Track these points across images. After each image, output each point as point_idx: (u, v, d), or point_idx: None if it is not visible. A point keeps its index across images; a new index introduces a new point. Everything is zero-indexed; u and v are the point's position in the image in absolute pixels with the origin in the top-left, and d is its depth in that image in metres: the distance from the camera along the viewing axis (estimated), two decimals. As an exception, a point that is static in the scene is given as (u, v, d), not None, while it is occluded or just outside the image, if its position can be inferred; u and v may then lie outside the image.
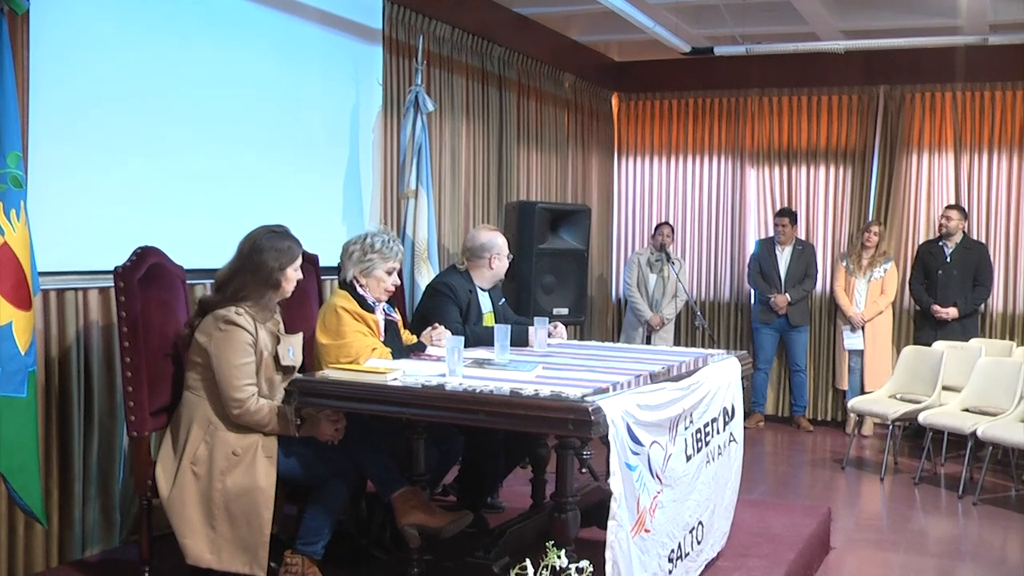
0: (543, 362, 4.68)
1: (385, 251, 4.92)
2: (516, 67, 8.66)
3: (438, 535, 4.28)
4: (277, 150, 6.13)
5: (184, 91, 5.49)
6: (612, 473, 3.70)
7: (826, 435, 9.46)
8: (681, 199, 10.66)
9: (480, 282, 5.68)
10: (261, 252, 4.31)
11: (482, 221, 8.06)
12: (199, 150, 5.59)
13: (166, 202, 5.38)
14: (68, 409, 4.90)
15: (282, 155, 6.17)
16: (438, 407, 3.98)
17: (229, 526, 4.15)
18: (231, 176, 5.80)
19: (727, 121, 10.45)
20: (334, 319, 4.75)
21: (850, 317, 9.30)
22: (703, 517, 4.64)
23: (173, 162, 5.43)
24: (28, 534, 4.73)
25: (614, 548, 3.72)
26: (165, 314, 4.59)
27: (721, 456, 4.87)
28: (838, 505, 6.80)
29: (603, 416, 3.65)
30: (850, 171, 9.92)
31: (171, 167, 5.42)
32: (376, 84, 6.97)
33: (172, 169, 5.42)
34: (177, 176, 5.45)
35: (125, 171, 5.16)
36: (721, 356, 5.26)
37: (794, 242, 9.60)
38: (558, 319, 6.46)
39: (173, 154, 5.42)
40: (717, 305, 10.51)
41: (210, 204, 5.63)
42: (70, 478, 4.92)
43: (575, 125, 9.89)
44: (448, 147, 7.74)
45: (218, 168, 5.71)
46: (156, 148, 5.32)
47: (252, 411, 4.18)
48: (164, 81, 5.37)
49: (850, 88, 9.91)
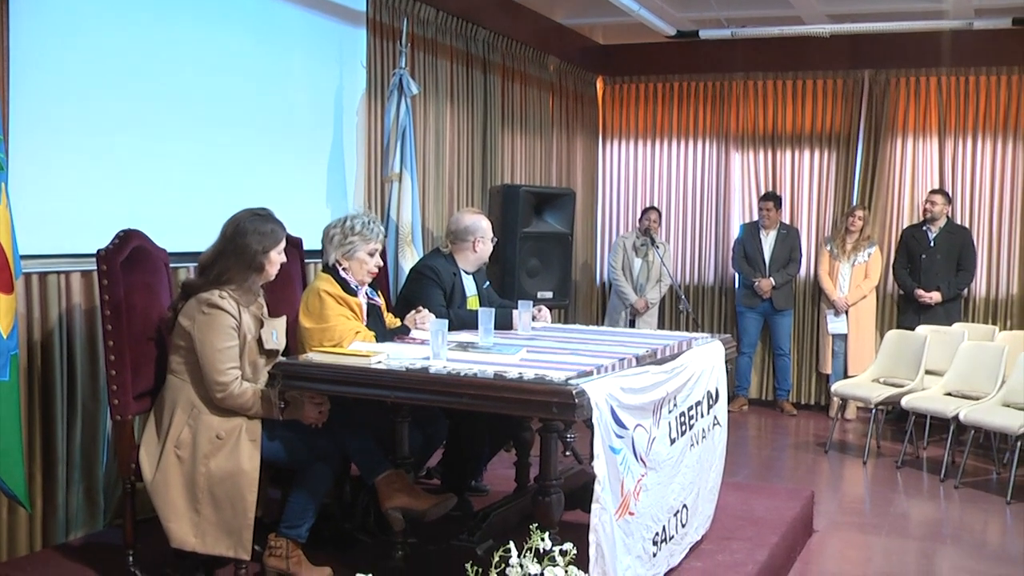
0: (527, 345, 4.69)
1: (366, 233, 4.92)
2: (501, 50, 8.65)
3: (422, 518, 4.29)
4: (261, 133, 6.12)
5: (167, 74, 5.47)
6: (596, 456, 3.71)
7: (809, 419, 9.51)
8: (666, 183, 10.67)
9: (464, 265, 5.68)
10: (245, 235, 4.30)
11: (466, 204, 8.05)
12: (182, 133, 5.57)
13: (149, 185, 5.36)
14: (51, 393, 4.90)
15: (266, 138, 6.16)
16: (422, 390, 3.99)
17: (213, 509, 4.15)
18: (214, 159, 5.78)
19: (712, 105, 10.46)
20: (317, 303, 4.75)
21: (834, 301, 9.33)
22: (687, 500, 4.66)
23: (156, 145, 5.41)
24: (11, 518, 4.73)
25: (598, 531, 3.74)
26: (148, 297, 4.57)
27: (705, 439, 4.90)
28: (821, 488, 6.84)
29: (587, 399, 3.66)
30: (835, 155, 9.95)
31: (154, 150, 5.40)
32: (360, 67, 6.95)
33: (155, 152, 5.40)
34: (160, 159, 5.43)
35: (108, 154, 5.14)
36: (705, 340, 5.27)
37: (778, 226, 9.63)
38: (542, 302, 6.48)
39: (156, 137, 5.41)
40: (701, 289, 10.53)
41: (193, 187, 5.62)
42: (53, 462, 4.92)
43: (560, 108, 9.89)
44: (432, 130, 7.73)
45: (201, 151, 5.69)
46: (139, 131, 5.31)
47: (236, 394, 4.18)
48: (147, 64, 5.34)
49: (835, 72, 9.93)
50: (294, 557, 4.37)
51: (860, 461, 7.79)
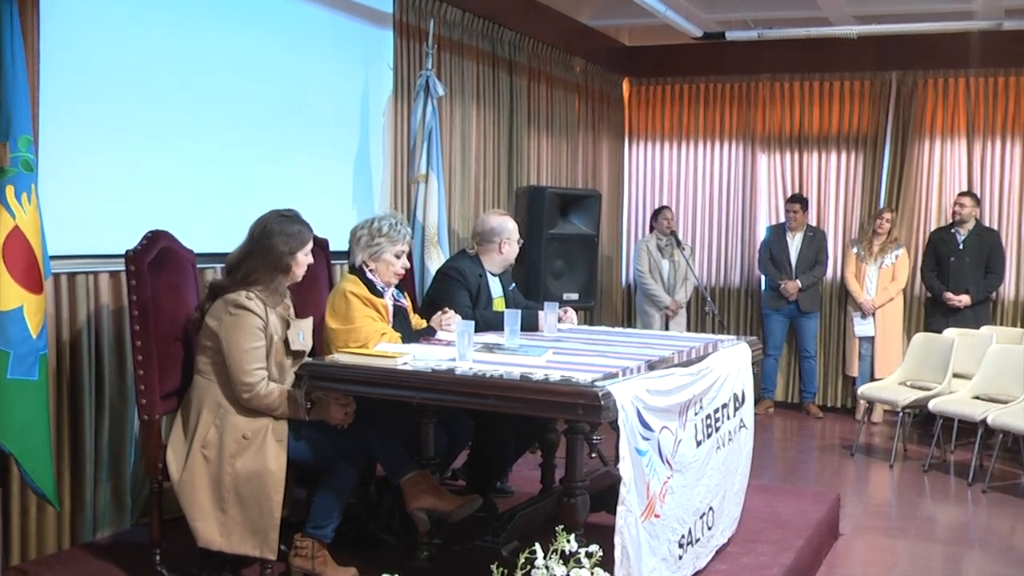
0: (553, 347, 4.69)
1: (393, 234, 4.93)
2: (526, 51, 8.65)
3: (447, 519, 4.30)
4: (288, 134, 6.14)
5: (196, 76, 5.49)
6: (622, 458, 3.71)
7: (836, 422, 9.46)
8: (692, 184, 10.64)
9: (490, 267, 5.68)
10: (271, 236, 4.32)
11: (492, 206, 8.05)
12: (210, 134, 5.59)
13: (177, 186, 5.39)
14: (79, 392, 4.92)
15: (293, 139, 6.18)
16: (448, 391, 3.99)
17: (239, 509, 4.17)
18: (242, 160, 5.80)
19: (738, 106, 10.42)
20: (343, 304, 4.76)
21: (860, 304, 9.28)
22: (713, 503, 4.65)
23: (184, 146, 5.43)
24: (40, 516, 4.76)
25: (623, 533, 3.73)
26: (175, 298, 4.60)
27: (731, 442, 4.88)
28: (847, 491, 6.80)
29: (613, 401, 3.66)
30: (862, 157, 9.89)
31: (182, 151, 5.42)
32: (387, 68, 6.97)
33: (183, 153, 5.43)
34: (188, 160, 5.46)
35: (136, 155, 5.17)
36: (731, 342, 5.26)
37: (805, 228, 9.59)
38: (568, 304, 6.47)
39: (184, 138, 5.43)
40: (727, 291, 10.49)
41: (221, 188, 5.64)
42: (81, 461, 4.95)
43: (585, 110, 9.87)
44: (458, 132, 7.73)
45: (229, 152, 5.72)
46: (167, 132, 5.33)
47: (262, 395, 4.20)
48: (175, 65, 5.37)
49: (862, 73, 9.87)
50: (320, 557, 4.38)
51: (887, 464, 7.75)
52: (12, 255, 4.08)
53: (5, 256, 4.07)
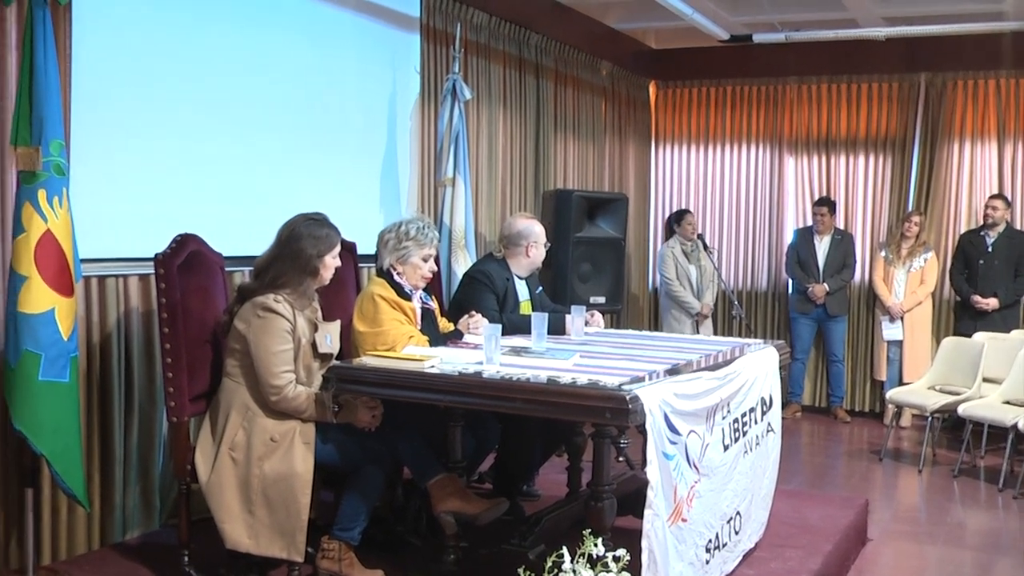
0: (580, 350, 4.69)
1: (420, 238, 4.94)
2: (553, 55, 8.65)
3: (474, 522, 4.31)
4: (316, 138, 6.17)
5: (224, 79, 5.53)
6: (649, 462, 3.70)
7: (864, 426, 9.41)
8: (719, 187, 10.62)
9: (517, 270, 5.69)
10: (299, 240, 4.34)
11: (519, 209, 8.06)
12: (239, 138, 5.63)
13: (206, 189, 5.43)
14: (109, 394, 4.97)
15: (320, 143, 6.21)
16: (475, 394, 4.00)
17: (267, 511, 4.19)
18: (270, 164, 5.84)
19: (765, 109, 10.39)
20: (371, 307, 4.77)
21: (889, 307, 9.24)
22: (741, 507, 4.64)
23: (213, 150, 5.47)
24: (71, 517, 4.81)
25: (650, 537, 3.72)
26: (204, 301, 4.63)
27: (759, 446, 4.87)
28: (875, 497, 6.77)
29: (640, 405, 3.65)
30: (890, 160, 9.83)
31: (211, 155, 5.46)
32: (414, 72, 6.99)
33: (212, 157, 5.47)
34: (217, 164, 5.50)
35: (165, 159, 5.21)
36: (759, 346, 5.25)
37: (833, 231, 9.55)
38: (595, 307, 6.47)
39: (213, 142, 5.47)
40: (754, 294, 10.46)
41: (249, 192, 5.67)
42: (111, 462, 4.99)
43: (612, 113, 9.87)
44: (485, 135, 7.75)
45: (257, 156, 5.75)
46: (196, 136, 5.37)
47: (290, 398, 4.22)
48: (204, 70, 5.41)
49: (891, 76, 9.82)
50: (346, 559, 4.39)
51: (915, 469, 7.70)
52: (44, 258, 4.12)
53: (37, 259, 4.11)
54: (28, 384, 4.13)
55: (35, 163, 4.09)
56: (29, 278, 4.10)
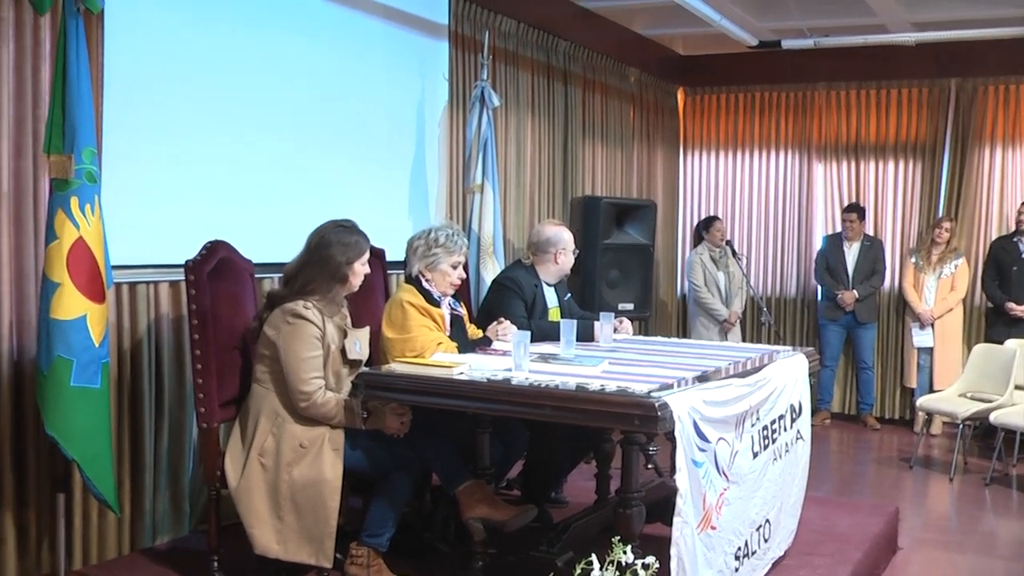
0: (609, 357, 4.68)
1: (449, 245, 4.95)
2: (581, 61, 8.65)
3: (502, 529, 4.30)
4: (344, 145, 6.19)
5: (254, 87, 5.56)
6: (678, 469, 3.69)
7: (893, 434, 9.34)
8: (747, 194, 10.58)
9: (546, 277, 5.68)
10: (329, 246, 4.35)
11: (547, 216, 8.05)
12: (267, 145, 5.65)
13: (236, 197, 5.45)
14: (139, 400, 4.99)
15: (349, 150, 6.23)
16: (504, 401, 4.00)
17: (296, 517, 4.20)
18: (299, 171, 5.86)
19: (794, 115, 10.35)
20: (400, 313, 4.78)
21: (919, 314, 9.17)
22: (770, 515, 4.61)
23: (242, 157, 5.50)
24: (101, 522, 4.83)
25: (680, 545, 3.71)
26: (234, 307, 4.65)
27: (788, 453, 4.84)
28: (906, 505, 6.72)
29: (669, 412, 3.64)
30: (920, 165, 9.77)
31: (241, 162, 5.49)
32: (442, 79, 7.00)
33: (242, 164, 5.50)
34: (247, 171, 5.52)
35: (195, 166, 5.24)
36: (788, 352, 5.22)
37: (862, 238, 9.49)
38: (623, 314, 6.45)
39: (242, 149, 5.50)
40: (783, 301, 10.41)
41: (278, 199, 5.70)
42: (141, 468, 5.01)
43: (640, 120, 9.86)
44: (513, 142, 7.75)
45: (286, 163, 5.77)
46: (225, 144, 5.40)
47: (319, 404, 4.23)
48: (234, 78, 5.44)
49: (920, 81, 9.75)
50: (375, 566, 4.39)
51: (946, 477, 7.64)
52: (76, 265, 4.14)
53: (70, 266, 4.13)
54: (60, 390, 4.15)
55: (68, 171, 4.12)
56: (61, 285, 4.12)
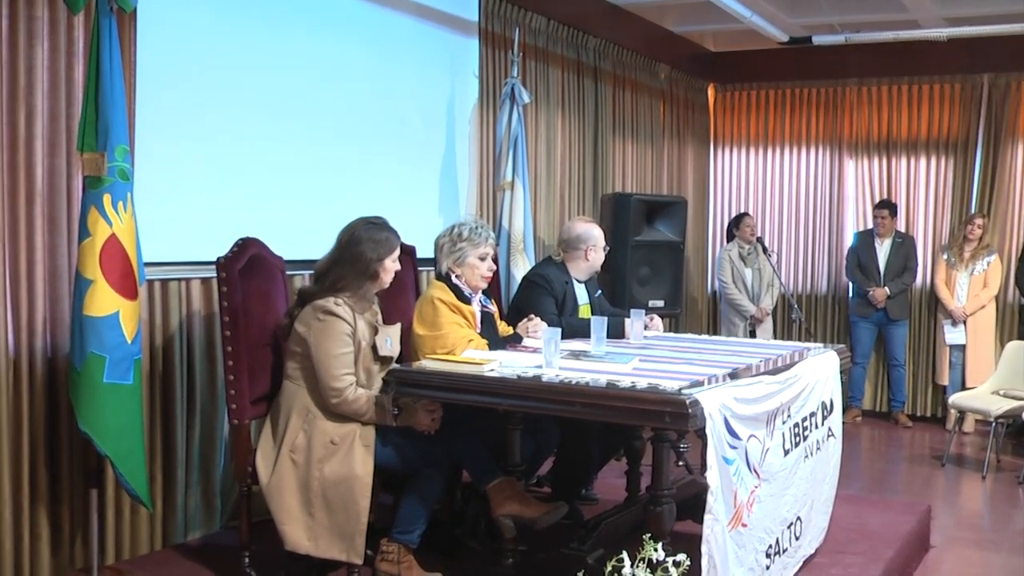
0: (640, 354, 4.66)
1: (474, 238, 4.95)
2: (611, 58, 8.63)
3: (533, 526, 4.29)
4: (375, 142, 6.19)
5: (284, 84, 5.57)
6: (709, 466, 3.67)
7: (925, 431, 9.27)
8: (778, 190, 10.53)
9: (576, 274, 5.67)
10: (359, 243, 4.35)
11: (578, 213, 8.05)
12: (299, 142, 5.66)
13: (267, 194, 5.47)
14: (171, 397, 5.02)
15: (379, 147, 6.23)
16: (534, 398, 3.99)
17: (326, 513, 4.20)
18: (330, 168, 5.87)
19: (825, 111, 10.28)
20: (431, 310, 4.78)
21: (951, 311, 9.09)
22: (801, 512, 4.58)
23: (273, 154, 5.51)
24: (134, 518, 4.87)
25: (710, 542, 3.69)
26: (265, 304, 4.66)
27: (819, 451, 4.81)
28: (938, 503, 6.66)
29: (700, 409, 3.62)
30: (952, 162, 9.68)
31: (270, 159, 5.50)
32: (472, 76, 7.00)
33: (272, 161, 5.51)
34: (277, 168, 5.54)
35: (226, 163, 5.26)
36: (819, 350, 5.19)
37: (894, 234, 9.42)
38: (653, 311, 6.43)
39: (272, 146, 5.51)
40: (814, 298, 10.36)
41: (309, 196, 5.71)
42: (173, 464, 5.04)
43: (670, 116, 9.82)
44: (544, 139, 7.73)
45: (317, 159, 5.79)
46: (255, 140, 5.41)
47: (350, 400, 4.23)
48: (265, 75, 5.45)
49: (952, 77, 9.66)
50: (405, 562, 4.40)
51: (979, 476, 7.57)
52: (109, 262, 4.16)
53: (102, 263, 4.15)
54: (93, 386, 4.17)
55: (101, 168, 4.13)
56: (94, 281, 4.14)
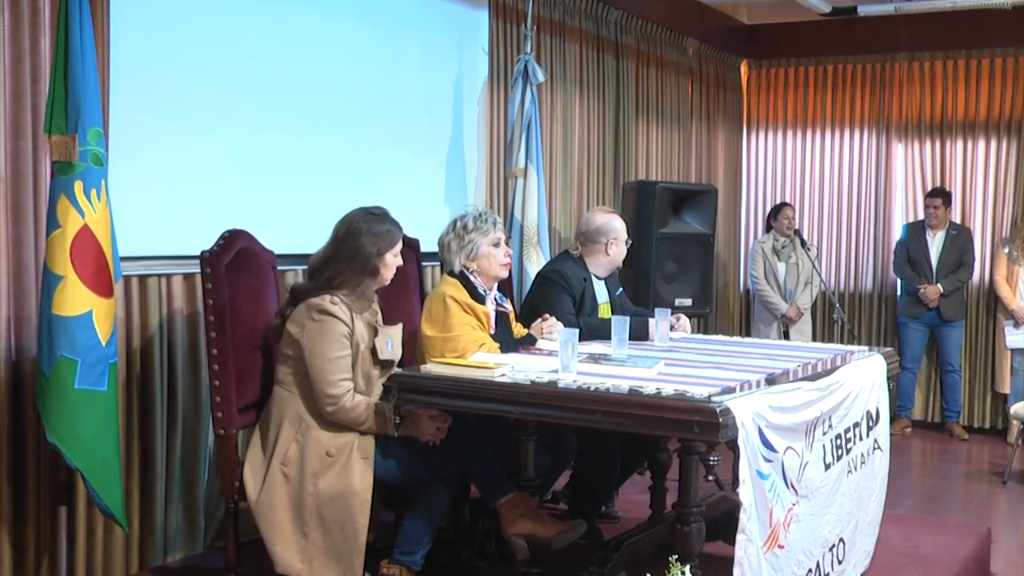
0: (665, 358, 4.66)
1: (481, 225, 4.98)
2: (634, 32, 8.62)
3: (548, 546, 4.30)
4: (374, 125, 6.20)
5: (274, 63, 5.58)
6: (742, 481, 3.67)
7: (984, 444, 9.26)
8: (818, 178, 10.50)
9: (595, 269, 5.68)
10: (358, 236, 4.36)
11: (597, 202, 8.05)
12: (290, 126, 5.68)
13: (256, 182, 5.48)
14: (150, 404, 5.02)
15: (380, 131, 6.24)
16: (550, 406, 3.99)
17: (321, 532, 4.21)
18: (325, 154, 5.88)
19: (871, 90, 10.25)
20: (441, 310, 4.79)
21: (1013, 311, 9.08)
22: (844, 533, 4.58)
23: (263, 139, 5.52)
24: (107, 537, 4.85)
25: (743, 565, 3.69)
26: (254, 302, 4.67)
27: (864, 465, 4.81)
28: (998, 525, 6.66)
29: (732, 418, 3.62)
30: (1015, 145, 9.62)
31: (261, 144, 5.51)
32: (481, 53, 7.00)
33: (262, 146, 5.52)
34: (268, 154, 5.55)
35: (211, 149, 5.27)
36: (864, 353, 5.18)
37: (947, 226, 9.39)
38: (681, 310, 6.43)
39: (263, 130, 5.52)
40: (858, 297, 10.34)
41: (303, 184, 5.72)
42: (152, 478, 5.04)
43: (699, 96, 9.82)
44: (560, 121, 7.74)
45: (311, 145, 5.80)
46: (245, 124, 5.42)
47: (347, 408, 4.24)
48: (253, 52, 5.46)
49: (1016, 50, 9.60)
50: (408, 586, 4.42)
51: (1044, 494, 7.58)
52: (81, 256, 4.15)
53: (73, 257, 4.14)
54: (63, 393, 4.17)
55: (71, 152, 4.12)
56: (65, 277, 4.13)
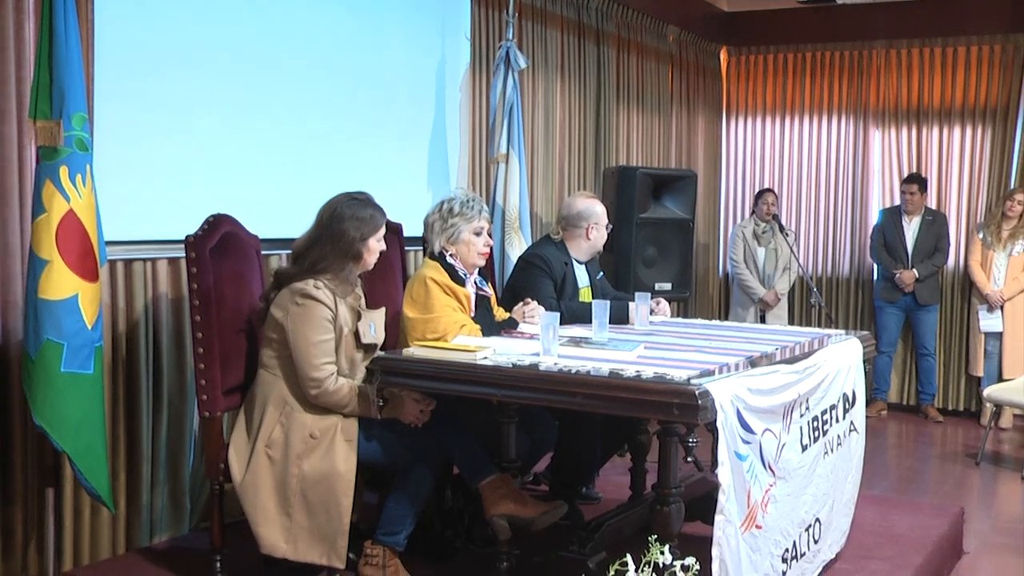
0: (645, 341, 4.68)
1: (467, 212, 4.97)
2: (615, 19, 8.62)
3: (529, 527, 4.31)
4: (358, 111, 6.20)
5: (258, 48, 5.56)
6: (720, 463, 3.70)
7: (958, 426, 9.31)
8: (796, 164, 10.53)
9: (576, 254, 5.69)
10: (342, 221, 4.36)
11: (578, 188, 8.07)
12: (274, 111, 5.66)
13: (240, 167, 5.47)
14: (136, 387, 5.02)
15: (363, 116, 6.23)
16: (531, 388, 4.01)
17: (306, 514, 4.23)
18: (309, 139, 5.87)
19: (849, 77, 10.27)
20: (422, 291, 4.80)
21: (987, 295, 9.11)
22: (820, 514, 4.62)
23: (246, 124, 5.51)
24: (94, 519, 4.86)
25: (722, 545, 3.72)
26: (239, 286, 4.67)
27: (840, 447, 4.84)
28: (972, 505, 6.71)
29: (711, 400, 3.65)
30: (990, 132, 9.66)
31: (244, 129, 5.50)
32: (464, 39, 7.00)
33: (246, 132, 5.51)
34: (252, 139, 5.54)
35: (196, 134, 5.25)
36: (841, 337, 5.21)
37: (923, 212, 9.42)
38: (660, 294, 6.46)
39: (247, 116, 5.51)
40: (835, 281, 10.38)
41: (286, 169, 5.71)
42: (138, 460, 5.04)
43: (680, 83, 9.83)
44: (542, 107, 7.74)
45: (295, 130, 5.78)
46: (229, 109, 5.41)
47: (331, 391, 4.25)
48: (236, 38, 5.44)
49: (991, 37, 9.63)
50: (391, 566, 4.42)
51: (1017, 475, 7.61)
52: (66, 241, 4.14)
53: (59, 242, 4.13)
54: (49, 376, 4.16)
55: (56, 138, 4.10)
56: (50, 262, 4.13)
